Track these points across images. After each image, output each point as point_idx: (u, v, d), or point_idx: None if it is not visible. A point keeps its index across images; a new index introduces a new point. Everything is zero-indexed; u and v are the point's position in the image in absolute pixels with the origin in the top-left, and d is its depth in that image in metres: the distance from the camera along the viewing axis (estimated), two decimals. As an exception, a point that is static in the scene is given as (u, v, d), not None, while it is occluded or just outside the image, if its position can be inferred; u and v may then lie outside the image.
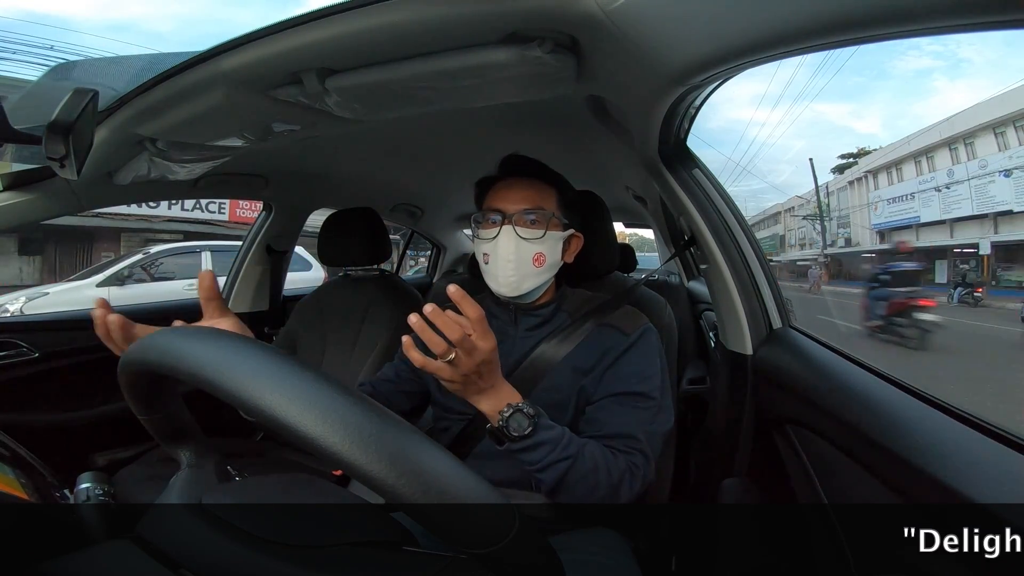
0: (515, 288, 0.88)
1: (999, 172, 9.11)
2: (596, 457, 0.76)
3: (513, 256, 0.87)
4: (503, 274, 0.88)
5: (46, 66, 5.52)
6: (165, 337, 0.44)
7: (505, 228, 0.88)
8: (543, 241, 0.88)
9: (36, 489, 0.57)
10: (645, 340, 0.89)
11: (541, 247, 0.88)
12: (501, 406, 0.71)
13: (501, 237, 0.88)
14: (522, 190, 0.90)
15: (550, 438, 0.73)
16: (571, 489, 0.74)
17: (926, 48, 31.23)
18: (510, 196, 0.90)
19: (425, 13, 0.62)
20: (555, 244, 0.90)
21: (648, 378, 0.86)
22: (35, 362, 1.51)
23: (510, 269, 0.87)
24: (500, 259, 0.87)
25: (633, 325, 0.91)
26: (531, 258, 0.87)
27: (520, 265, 0.87)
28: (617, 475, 0.77)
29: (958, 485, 0.48)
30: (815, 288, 12.87)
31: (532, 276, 0.88)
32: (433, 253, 3.34)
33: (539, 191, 0.91)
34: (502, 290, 0.89)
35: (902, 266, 5.98)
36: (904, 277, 5.69)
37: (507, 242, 0.87)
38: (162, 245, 7.52)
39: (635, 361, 0.87)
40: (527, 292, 0.90)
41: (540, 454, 0.72)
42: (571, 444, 0.74)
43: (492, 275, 0.90)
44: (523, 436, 0.71)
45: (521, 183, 0.91)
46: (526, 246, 0.87)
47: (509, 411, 0.70)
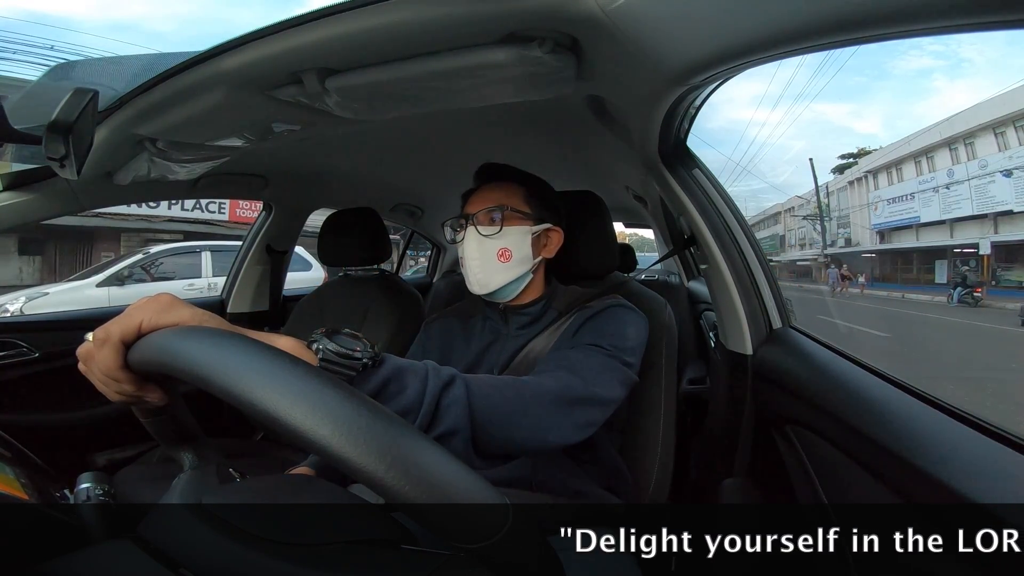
0: (484, 286, 0.90)
1: (999, 172, 9.11)
2: (493, 380, 0.71)
3: (477, 254, 0.89)
4: (471, 273, 0.90)
5: (46, 66, 5.53)
6: (161, 336, 0.44)
7: (469, 229, 0.91)
8: (503, 236, 0.89)
9: (36, 489, 0.57)
10: (611, 310, 0.90)
11: (502, 242, 0.89)
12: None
13: (466, 238, 0.91)
14: (487, 193, 0.93)
15: (407, 364, 0.60)
16: (494, 423, 0.65)
17: (927, 48, 31.24)
18: (475, 201, 0.93)
19: (425, 13, 0.62)
20: (521, 238, 0.90)
21: (604, 335, 0.85)
22: (35, 362, 1.51)
23: (476, 267, 0.90)
24: (467, 259, 0.91)
25: (602, 303, 0.91)
26: (495, 254, 0.89)
27: (485, 262, 0.89)
28: (538, 387, 0.71)
29: (958, 485, 0.48)
30: (842, 289, 12.07)
31: (499, 272, 0.89)
32: (433, 253, 3.34)
33: (504, 191, 0.93)
34: (474, 289, 0.91)
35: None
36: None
37: (470, 242, 0.90)
38: (162, 245, 7.52)
39: (596, 326, 0.87)
40: (499, 288, 0.90)
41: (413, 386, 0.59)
42: (443, 370, 0.64)
43: (466, 277, 0.92)
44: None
45: (488, 187, 0.94)
46: (488, 243, 0.89)
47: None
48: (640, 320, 0.91)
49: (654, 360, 1.03)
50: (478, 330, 0.97)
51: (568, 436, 0.73)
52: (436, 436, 0.59)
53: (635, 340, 0.88)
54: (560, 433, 0.73)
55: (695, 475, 1.30)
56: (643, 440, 1.05)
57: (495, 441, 0.66)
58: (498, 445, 0.67)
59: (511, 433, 0.68)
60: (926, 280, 10.54)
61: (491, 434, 0.65)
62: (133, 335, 0.46)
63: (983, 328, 7.79)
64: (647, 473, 1.04)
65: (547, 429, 0.71)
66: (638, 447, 1.05)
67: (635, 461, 1.03)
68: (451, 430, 0.60)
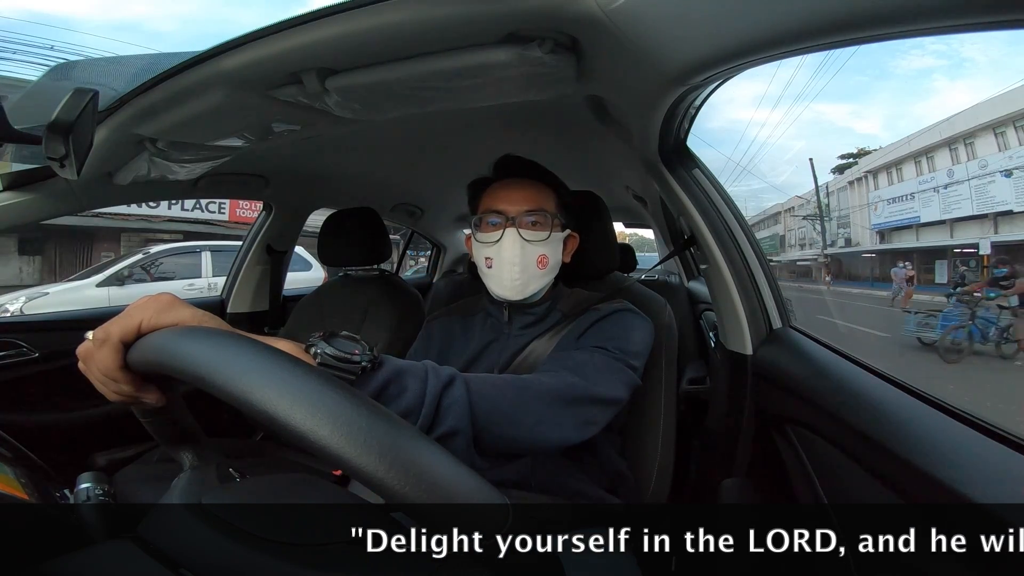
0: (521, 291, 0.87)
1: (999, 172, 9.11)
2: (494, 378, 0.70)
3: (519, 259, 0.86)
4: (508, 277, 0.86)
5: (46, 66, 5.53)
6: (160, 336, 0.44)
7: (508, 231, 0.86)
8: (547, 243, 0.88)
9: (36, 489, 0.57)
10: (618, 315, 0.89)
11: (545, 249, 0.88)
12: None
13: (505, 240, 0.86)
14: (522, 191, 0.90)
15: (406, 365, 0.59)
16: (496, 423, 0.64)
17: (929, 47, 31.16)
18: (511, 198, 0.89)
19: (425, 13, 0.62)
20: (557, 245, 0.90)
21: (610, 339, 0.85)
22: (35, 362, 1.51)
23: (516, 272, 0.86)
24: (505, 262, 0.86)
25: (610, 306, 0.91)
26: (535, 260, 0.87)
27: (526, 268, 0.86)
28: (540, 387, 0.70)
29: (958, 485, 0.48)
30: (905, 299, 8.03)
31: (537, 278, 0.88)
32: (433, 253, 3.34)
33: (539, 192, 0.91)
34: (506, 294, 0.88)
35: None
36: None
37: (511, 245, 0.86)
38: (162, 245, 7.52)
39: (602, 329, 0.87)
40: (531, 294, 0.89)
41: (412, 387, 0.58)
42: (442, 370, 0.63)
43: (496, 278, 0.88)
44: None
45: (521, 184, 0.91)
46: (531, 248, 0.86)
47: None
48: (646, 325, 0.91)
49: (654, 360, 1.03)
50: (479, 328, 0.97)
51: (569, 435, 0.73)
52: (437, 437, 0.59)
53: (640, 345, 0.87)
54: (561, 432, 0.72)
55: (695, 475, 1.30)
56: (643, 440, 1.05)
57: (496, 440, 0.66)
58: (499, 444, 0.67)
59: (512, 432, 0.67)
60: (926, 280, 10.53)
61: (492, 433, 0.65)
62: (132, 335, 0.46)
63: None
64: (647, 473, 1.04)
65: (548, 427, 0.71)
66: (638, 447, 1.05)
67: (635, 461, 1.03)
68: (452, 430, 0.60)
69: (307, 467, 1.39)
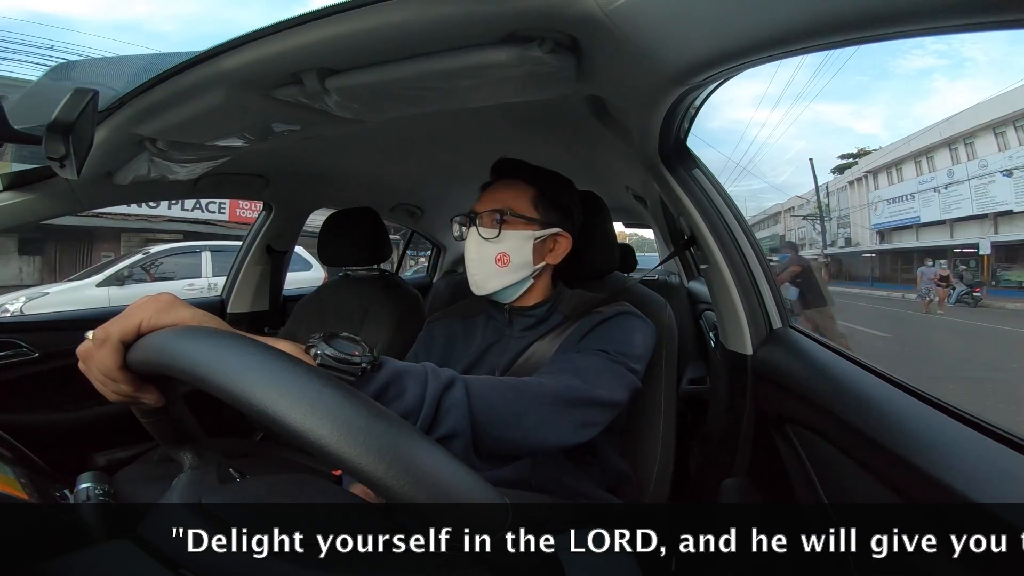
0: (480, 287, 0.91)
1: (999, 172, 9.11)
2: (493, 381, 0.71)
3: (476, 256, 0.90)
4: (470, 273, 0.91)
5: (46, 66, 5.52)
6: (160, 336, 0.44)
7: (471, 230, 0.91)
8: (501, 241, 0.88)
9: (36, 489, 0.57)
10: (620, 317, 0.90)
11: (501, 247, 0.88)
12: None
13: (468, 238, 0.91)
14: (497, 192, 0.92)
15: (406, 367, 0.59)
16: (494, 423, 0.64)
17: (929, 47, 31.18)
18: (485, 199, 0.93)
19: (425, 13, 0.62)
20: (521, 244, 0.90)
21: (612, 342, 0.85)
22: (35, 362, 1.51)
23: (474, 268, 0.90)
24: (468, 260, 0.91)
25: (612, 309, 0.91)
26: (493, 258, 0.89)
27: (482, 265, 0.89)
28: (540, 389, 0.71)
29: (958, 485, 0.48)
30: (939, 301, 6.74)
31: (496, 276, 0.89)
32: (433, 253, 3.34)
33: (514, 191, 0.92)
34: (473, 289, 0.92)
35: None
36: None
37: (471, 243, 0.91)
38: (162, 245, 7.52)
39: (603, 332, 0.87)
40: (497, 291, 0.91)
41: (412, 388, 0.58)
42: (442, 372, 0.63)
43: (467, 276, 0.93)
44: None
45: (500, 185, 0.94)
46: (487, 246, 0.89)
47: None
48: (648, 329, 0.91)
49: (654, 360, 1.02)
50: (480, 330, 0.97)
51: (568, 437, 0.73)
52: (437, 439, 0.59)
53: (642, 348, 0.88)
54: (560, 433, 0.72)
55: (695, 475, 1.30)
56: (643, 440, 1.05)
57: (495, 442, 0.66)
58: (499, 446, 0.67)
59: (511, 433, 0.68)
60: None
61: (491, 435, 0.65)
62: (132, 335, 0.46)
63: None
64: (647, 473, 1.04)
65: (547, 429, 0.71)
66: (638, 447, 1.05)
67: (635, 461, 1.03)
68: (452, 432, 0.60)
69: (307, 467, 1.39)
